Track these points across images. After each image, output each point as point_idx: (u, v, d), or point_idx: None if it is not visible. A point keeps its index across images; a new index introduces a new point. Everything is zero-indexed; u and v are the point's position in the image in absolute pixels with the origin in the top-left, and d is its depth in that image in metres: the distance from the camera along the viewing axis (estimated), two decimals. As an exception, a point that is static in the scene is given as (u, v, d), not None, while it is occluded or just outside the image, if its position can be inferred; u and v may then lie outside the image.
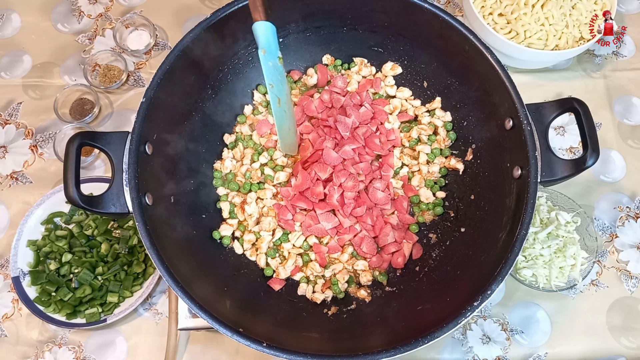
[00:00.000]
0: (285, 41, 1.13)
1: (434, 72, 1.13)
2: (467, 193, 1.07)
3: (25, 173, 1.25)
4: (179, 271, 0.83)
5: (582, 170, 0.86)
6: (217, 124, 1.13)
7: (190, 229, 1.00)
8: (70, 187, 0.82)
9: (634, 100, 1.27)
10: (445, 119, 1.13)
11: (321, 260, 1.06)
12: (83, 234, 1.13)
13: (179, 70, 0.95)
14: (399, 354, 0.77)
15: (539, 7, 1.20)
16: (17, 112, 1.30)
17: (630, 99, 1.27)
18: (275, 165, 1.12)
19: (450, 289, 0.94)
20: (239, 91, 1.15)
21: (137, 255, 1.12)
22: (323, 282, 1.05)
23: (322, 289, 1.04)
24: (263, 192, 1.09)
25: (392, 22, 1.08)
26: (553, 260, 1.07)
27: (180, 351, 1.10)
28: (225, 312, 0.85)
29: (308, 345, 0.85)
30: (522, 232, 0.83)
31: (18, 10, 1.41)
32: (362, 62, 1.19)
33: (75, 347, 1.11)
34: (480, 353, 1.10)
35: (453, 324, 0.78)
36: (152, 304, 1.13)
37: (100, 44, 1.36)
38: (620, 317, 1.13)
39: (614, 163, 1.25)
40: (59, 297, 1.08)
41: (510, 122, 0.92)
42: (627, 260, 1.17)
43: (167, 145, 0.96)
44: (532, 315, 1.12)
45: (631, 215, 1.21)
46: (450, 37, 1.00)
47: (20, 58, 1.35)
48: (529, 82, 1.31)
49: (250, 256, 1.07)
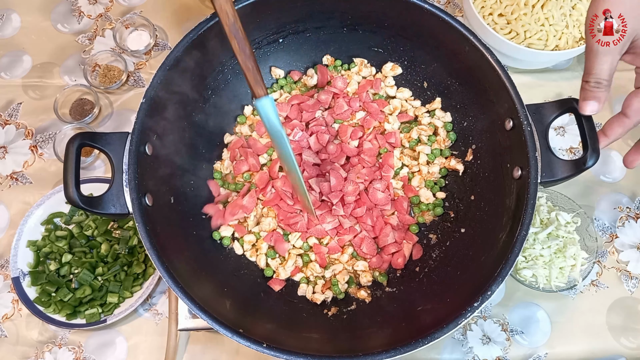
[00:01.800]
0: (285, 41, 1.14)
1: (434, 72, 1.13)
2: (467, 193, 1.07)
3: (25, 173, 1.25)
4: (179, 272, 0.83)
5: (582, 170, 0.86)
6: (217, 125, 1.13)
7: (190, 229, 1.00)
8: (70, 187, 0.82)
9: (634, 101, 1.27)
10: (445, 119, 1.13)
11: (321, 260, 1.06)
12: (83, 234, 1.13)
13: (179, 71, 0.95)
14: (400, 354, 0.76)
15: (539, 8, 1.20)
16: (17, 113, 1.30)
17: (630, 99, 1.27)
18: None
19: (450, 289, 0.94)
20: (239, 92, 1.15)
21: (137, 255, 1.12)
22: (323, 283, 1.05)
23: (322, 289, 1.04)
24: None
25: (392, 22, 1.08)
26: (553, 260, 1.07)
27: (180, 351, 1.10)
28: (225, 313, 0.85)
29: (308, 346, 0.85)
30: (522, 233, 0.83)
31: (18, 10, 1.41)
32: (362, 63, 1.19)
33: (75, 347, 1.11)
34: (480, 353, 1.10)
35: (453, 324, 0.78)
36: (152, 305, 1.13)
37: (100, 44, 1.36)
38: (620, 318, 1.12)
39: (614, 163, 1.25)
40: (58, 297, 1.08)
41: (510, 123, 0.92)
42: (627, 261, 1.17)
43: (167, 146, 0.96)
44: (532, 316, 1.12)
45: (631, 215, 1.21)
46: (450, 38, 0.99)
47: (20, 58, 1.35)
48: (529, 82, 1.31)
49: (250, 257, 1.07)
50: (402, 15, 1.04)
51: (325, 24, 1.13)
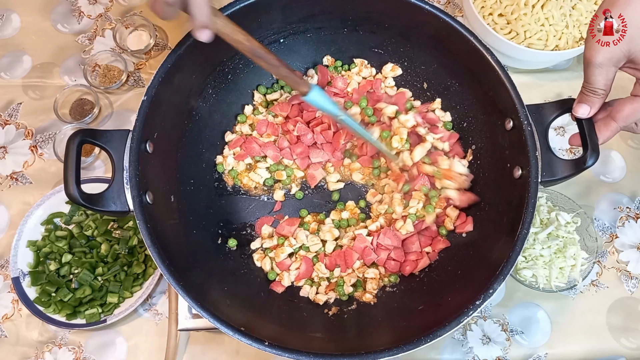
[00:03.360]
0: (285, 42, 1.14)
1: (434, 73, 1.13)
2: (468, 193, 1.07)
3: (25, 173, 1.24)
4: (179, 270, 0.83)
5: (582, 170, 0.86)
6: (217, 123, 1.13)
7: (190, 228, 1.00)
8: (70, 184, 0.82)
9: (633, 101, 1.27)
10: (445, 119, 1.13)
11: (330, 263, 1.05)
12: (83, 234, 1.13)
13: (180, 69, 0.95)
14: (402, 352, 0.77)
15: (539, 8, 1.21)
16: (17, 113, 1.30)
17: (630, 100, 1.27)
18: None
19: (451, 288, 0.94)
20: (239, 91, 1.15)
21: (137, 255, 1.12)
22: (327, 285, 1.05)
23: (326, 290, 1.04)
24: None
25: (393, 23, 1.08)
26: (553, 260, 1.07)
27: (180, 352, 1.09)
28: (226, 311, 0.85)
29: (309, 345, 0.85)
30: (523, 232, 0.83)
31: (18, 10, 1.40)
32: (363, 64, 1.19)
33: (75, 347, 1.11)
34: (481, 353, 1.10)
35: (455, 323, 0.78)
36: (152, 305, 1.13)
37: (100, 44, 1.36)
38: (620, 318, 1.13)
39: (614, 163, 1.25)
40: (58, 297, 1.07)
41: (511, 123, 0.92)
42: (627, 261, 1.17)
43: (168, 144, 0.96)
44: (532, 316, 1.12)
45: (631, 215, 1.21)
46: (450, 38, 1.00)
47: (20, 58, 1.35)
48: (529, 83, 1.31)
49: (257, 261, 1.07)
50: (403, 16, 1.04)
51: (326, 25, 1.13)
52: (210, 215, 1.08)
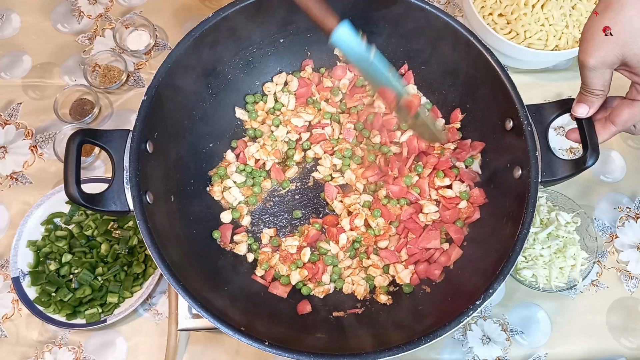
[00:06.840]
0: (286, 42, 1.14)
1: (434, 73, 1.13)
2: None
3: (25, 173, 1.24)
4: (180, 269, 0.83)
5: (582, 170, 0.86)
6: (217, 123, 1.13)
7: (190, 228, 1.00)
8: (70, 184, 0.81)
9: (633, 101, 1.27)
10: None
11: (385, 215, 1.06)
12: (83, 234, 1.13)
13: (181, 69, 0.95)
14: (402, 352, 0.76)
15: (539, 8, 1.21)
16: (17, 113, 1.30)
17: (629, 100, 1.27)
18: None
19: (451, 288, 0.94)
20: (239, 91, 1.15)
21: (137, 255, 1.12)
22: (324, 288, 1.05)
23: (324, 291, 1.04)
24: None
25: (392, 23, 1.08)
26: (553, 260, 1.07)
27: (180, 352, 1.09)
28: (226, 311, 0.85)
29: (309, 344, 0.85)
30: (523, 231, 0.83)
31: (18, 10, 1.41)
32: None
33: (75, 347, 1.11)
34: (480, 353, 1.10)
35: (455, 322, 0.78)
36: (152, 305, 1.13)
37: (100, 44, 1.36)
38: (620, 318, 1.13)
39: (614, 163, 1.25)
40: (58, 297, 1.07)
41: (511, 123, 0.92)
42: (627, 261, 1.17)
43: (168, 144, 0.96)
44: (532, 316, 1.12)
45: (631, 215, 1.21)
46: (450, 38, 1.00)
47: (20, 58, 1.35)
48: (529, 83, 1.31)
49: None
50: (402, 16, 1.04)
51: (326, 25, 1.13)
52: (211, 215, 1.08)
